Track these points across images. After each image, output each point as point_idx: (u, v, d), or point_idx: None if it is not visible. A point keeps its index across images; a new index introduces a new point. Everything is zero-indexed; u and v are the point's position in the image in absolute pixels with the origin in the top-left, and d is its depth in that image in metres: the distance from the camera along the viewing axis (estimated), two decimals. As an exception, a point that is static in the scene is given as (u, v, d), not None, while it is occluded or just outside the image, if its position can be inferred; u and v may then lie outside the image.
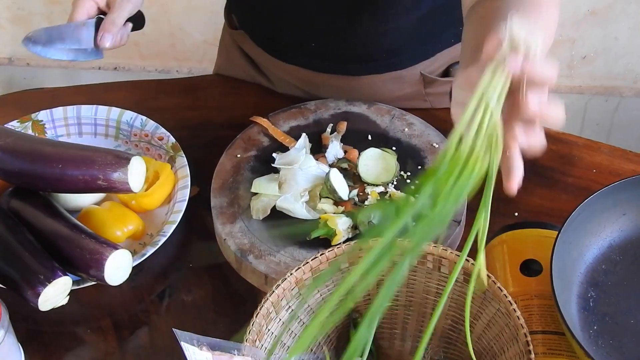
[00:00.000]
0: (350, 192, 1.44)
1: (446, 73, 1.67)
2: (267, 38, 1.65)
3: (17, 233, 1.32)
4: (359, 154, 1.48)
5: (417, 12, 1.52)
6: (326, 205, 1.41)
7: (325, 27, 1.54)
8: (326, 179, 1.41)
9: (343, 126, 1.53)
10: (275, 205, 1.42)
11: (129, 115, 1.61)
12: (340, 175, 1.44)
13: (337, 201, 1.42)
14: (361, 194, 1.43)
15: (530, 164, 1.53)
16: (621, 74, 2.86)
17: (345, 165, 1.47)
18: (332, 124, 1.55)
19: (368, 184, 1.45)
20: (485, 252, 1.32)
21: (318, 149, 1.51)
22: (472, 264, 1.13)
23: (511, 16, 0.89)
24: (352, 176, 1.46)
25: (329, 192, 1.41)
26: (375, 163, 1.46)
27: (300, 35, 1.58)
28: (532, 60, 0.88)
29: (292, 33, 1.59)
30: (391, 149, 1.50)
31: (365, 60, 1.59)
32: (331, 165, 1.48)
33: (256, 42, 1.69)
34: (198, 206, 1.49)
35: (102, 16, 1.47)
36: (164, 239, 1.40)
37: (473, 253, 1.20)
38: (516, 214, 1.46)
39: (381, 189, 1.44)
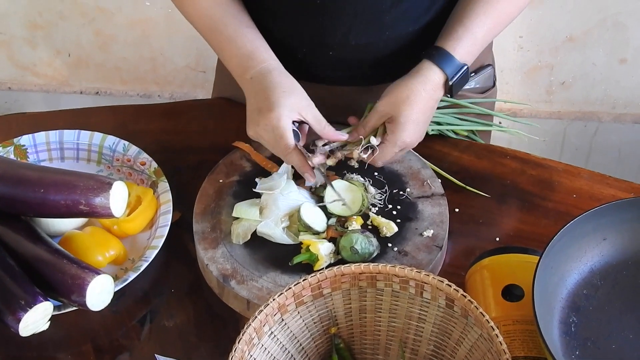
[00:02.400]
0: (329, 219, 1.44)
1: None
2: (278, 58, 1.63)
3: (-2, 258, 1.31)
4: (327, 186, 1.48)
5: (427, 17, 1.54)
6: (307, 236, 1.41)
7: (346, 33, 1.53)
8: (298, 216, 1.41)
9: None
10: (256, 230, 1.42)
11: (111, 140, 1.61)
12: (314, 208, 1.44)
13: (316, 233, 1.42)
14: (343, 219, 1.44)
15: (511, 188, 1.56)
16: (599, 99, 2.88)
17: (323, 194, 1.47)
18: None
19: (333, 214, 1.46)
20: (467, 277, 1.33)
21: (301, 175, 1.51)
22: (455, 289, 1.13)
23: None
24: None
25: (305, 228, 1.41)
26: (342, 195, 1.46)
27: (319, 46, 1.56)
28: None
29: (311, 44, 1.57)
30: (373, 175, 1.51)
31: (381, 67, 1.58)
32: (312, 191, 1.48)
33: None
34: (180, 231, 1.49)
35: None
36: (145, 264, 1.40)
37: (453, 277, 1.21)
38: (497, 238, 1.47)
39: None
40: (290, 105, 1.41)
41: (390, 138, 1.44)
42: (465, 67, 1.46)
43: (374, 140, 1.44)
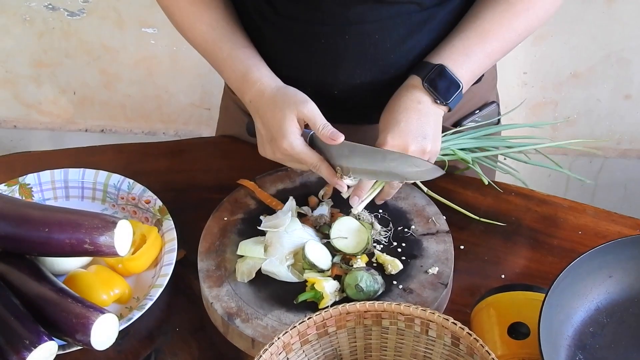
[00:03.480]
0: (334, 257, 1.44)
1: (456, 124, 1.68)
2: None
3: (2, 297, 1.31)
4: (336, 219, 1.48)
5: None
6: (311, 274, 1.40)
7: (351, 73, 1.53)
8: (303, 255, 1.41)
9: (330, 190, 1.54)
10: (260, 269, 1.42)
11: (116, 178, 1.62)
12: (319, 245, 1.44)
13: (321, 271, 1.42)
14: (347, 257, 1.43)
15: (516, 225, 1.55)
16: (604, 135, 2.88)
17: (327, 231, 1.47)
18: (325, 188, 1.55)
19: (338, 252, 1.45)
20: (472, 315, 1.32)
21: (305, 212, 1.51)
22: (461, 327, 1.13)
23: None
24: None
25: (310, 266, 1.41)
26: (348, 233, 1.46)
27: (324, 85, 1.56)
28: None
29: (316, 83, 1.56)
30: (378, 212, 1.51)
31: (382, 105, 1.54)
32: (317, 229, 1.48)
33: None
34: (185, 269, 1.48)
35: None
36: (150, 303, 1.39)
37: (459, 315, 1.21)
38: (503, 276, 1.46)
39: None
40: (292, 121, 1.41)
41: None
42: (439, 65, 1.45)
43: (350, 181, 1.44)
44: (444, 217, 1.51)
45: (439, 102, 1.45)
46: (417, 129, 1.43)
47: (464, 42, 1.47)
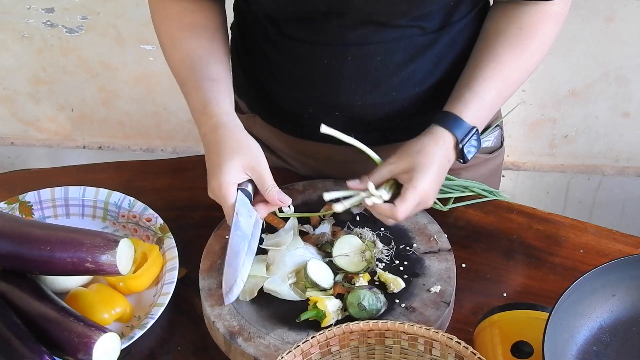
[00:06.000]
0: (336, 275, 1.44)
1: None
2: (283, 119, 1.63)
3: (4, 316, 1.30)
4: (338, 237, 1.48)
5: (433, 79, 1.53)
6: (314, 292, 1.40)
7: (352, 95, 1.52)
8: (305, 273, 1.41)
9: (331, 207, 1.53)
10: (262, 287, 1.42)
11: (116, 196, 1.62)
12: (321, 264, 1.44)
13: (323, 290, 1.41)
14: (349, 275, 1.43)
15: (518, 244, 1.55)
16: (602, 152, 2.89)
17: (329, 250, 1.47)
18: (325, 206, 1.55)
19: (340, 270, 1.45)
20: (475, 334, 1.32)
21: (306, 230, 1.51)
22: (465, 346, 1.13)
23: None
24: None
25: (312, 284, 1.40)
26: (350, 251, 1.46)
27: (326, 107, 1.56)
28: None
29: (317, 104, 1.56)
30: (380, 230, 1.51)
31: (388, 127, 1.57)
32: (319, 247, 1.48)
33: (271, 124, 1.69)
34: (186, 288, 1.48)
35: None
36: (152, 322, 1.39)
37: (461, 334, 1.20)
38: (505, 294, 1.46)
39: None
40: (235, 166, 1.39)
41: (409, 187, 1.39)
42: (475, 130, 1.44)
43: (385, 195, 1.41)
44: (446, 236, 1.51)
45: (460, 161, 1.47)
46: (439, 186, 1.44)
47: (489, 93, 1.45)
